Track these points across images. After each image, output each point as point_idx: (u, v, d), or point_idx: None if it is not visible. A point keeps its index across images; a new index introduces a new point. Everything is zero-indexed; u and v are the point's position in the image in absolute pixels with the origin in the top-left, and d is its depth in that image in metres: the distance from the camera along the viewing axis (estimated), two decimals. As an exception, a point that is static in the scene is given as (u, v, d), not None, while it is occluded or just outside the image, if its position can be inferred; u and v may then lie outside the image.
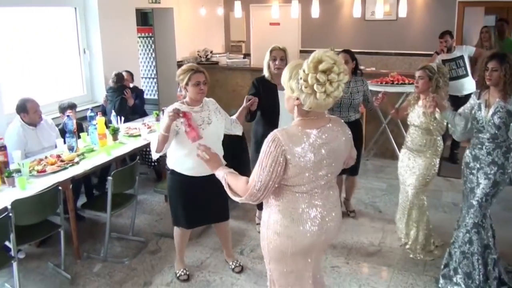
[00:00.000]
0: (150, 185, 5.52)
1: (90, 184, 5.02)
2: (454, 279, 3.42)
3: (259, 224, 4.58)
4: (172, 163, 3.46)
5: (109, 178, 3.87)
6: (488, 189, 3.25)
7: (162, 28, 7.71)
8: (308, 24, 8.09)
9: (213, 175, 3.37)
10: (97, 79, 6.12)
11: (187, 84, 3.27)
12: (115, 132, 4.83)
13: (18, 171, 3.69)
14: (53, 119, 4.87)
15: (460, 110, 3.45)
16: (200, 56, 7.89)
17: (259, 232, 4.50)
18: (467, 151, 3.45)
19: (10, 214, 3.15)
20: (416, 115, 3.83)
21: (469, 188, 3.40)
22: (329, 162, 2.23)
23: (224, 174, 2.34)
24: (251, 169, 4.15)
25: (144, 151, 6.00)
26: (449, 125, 3.55)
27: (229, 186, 2.32)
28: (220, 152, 3.46)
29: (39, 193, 3.41)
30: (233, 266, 3.87)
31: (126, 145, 4.76)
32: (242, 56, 7.97)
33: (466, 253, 3.36)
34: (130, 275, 3.83)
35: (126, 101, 5.79)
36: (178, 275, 3.77)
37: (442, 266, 3.56)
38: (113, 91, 5.74)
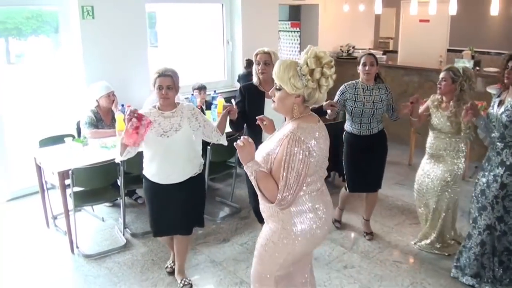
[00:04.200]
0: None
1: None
2: (466, 271, 3.49)
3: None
4: (143, 168, 3.38)
5: (208, 147, 4.54)
6: (496, 191, 3.14)
7: (308, 23, 8.23)
8: (458, 22, 7.62)
9: (178, 185, 3.28)
10: (237, 67, 6.93)
11: (154, 87, 3.19)
12: (234, 112, 5.53)
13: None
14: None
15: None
16: (342, 51, 8.14)
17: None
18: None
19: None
20: (439, 118, 3.69)
21: (479, 190, 3.30)
22: (327, 156, 2.32)
23: (253, 171, 2.17)
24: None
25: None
26: (479, 131, 3.31)
27: (258, 185, 2.18)
28: (196, 160, 3.36)
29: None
30: (181, 284, 3.57)
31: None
32: (382, 52, 7.94)
33: (477, 254, 3.37)
34: (215, 230, 4.47)
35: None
36: (165, 265, 3.85)
37: (455, 258, 3.62)
38: (245, 77, 6.47)
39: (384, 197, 5.15)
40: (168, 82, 3.14)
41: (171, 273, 3.74)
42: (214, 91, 5.82)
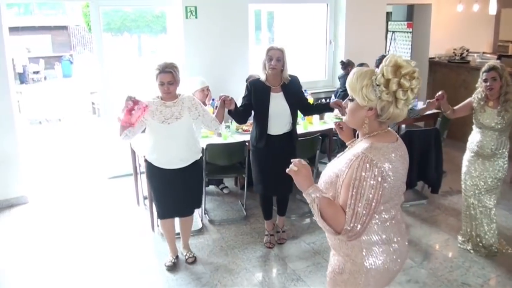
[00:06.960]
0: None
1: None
2: None
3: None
4: (145, 152, 3.72)
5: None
6: None
7: (420, 23, 7.88)
8: None
9: (179, 170, 3.58)
10: (338, 68, 6.90)
11: (156, 81, 3.46)
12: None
13: (228, 127, 4.96)
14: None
15: None
16: (455, 54, 7.64)
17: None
18: None
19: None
20: (488, 116, 3.79)
21: None
22: (404, 180, 2.03)
23: (315, 198, 1.88)
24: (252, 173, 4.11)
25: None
26: None
27: (321, 215, 1.89)
28: (194, 147, 3.67)
29: (227, 143, 4.58)
30: (186, 257, 3.99)
31: (325, 125, 5.34)
32: (496, 57, 7.26)
33: None
34: (286, 225, 4.54)
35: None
36: (165, 262, 3.95)
37: None
38: (343, 78, 6.46)
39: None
40: (169, 78, 3.43)
41: (172, 267, 3.89)
42: (305, 90, 5.89)
